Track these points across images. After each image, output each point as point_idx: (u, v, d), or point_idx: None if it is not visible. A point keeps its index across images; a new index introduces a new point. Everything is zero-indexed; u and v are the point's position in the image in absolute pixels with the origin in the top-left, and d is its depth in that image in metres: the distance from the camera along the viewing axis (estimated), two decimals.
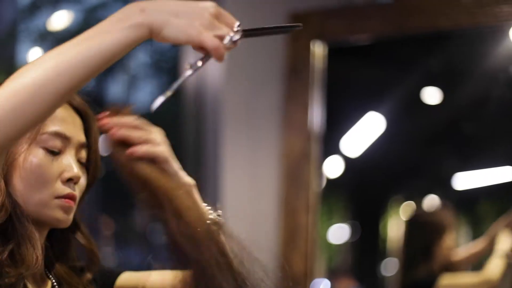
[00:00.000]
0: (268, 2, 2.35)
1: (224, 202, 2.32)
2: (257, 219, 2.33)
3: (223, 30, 1.00)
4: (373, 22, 2.29)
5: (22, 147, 1.14)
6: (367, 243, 4.93)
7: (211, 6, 0.98)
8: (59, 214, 1.16)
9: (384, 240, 4.61)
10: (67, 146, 1.17)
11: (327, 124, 2.42)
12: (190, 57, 2.48)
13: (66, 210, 1.17)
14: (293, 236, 2.27)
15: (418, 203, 3.89)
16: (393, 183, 3.96)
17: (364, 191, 4.35)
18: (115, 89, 6.38)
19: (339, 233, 5.24)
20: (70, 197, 1.17)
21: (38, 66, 0.96)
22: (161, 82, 6.45)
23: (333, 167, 3.35)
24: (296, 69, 2.29)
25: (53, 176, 1.16)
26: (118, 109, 1.12)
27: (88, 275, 1.28)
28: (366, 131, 3.02)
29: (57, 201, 1.16)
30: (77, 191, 1.18)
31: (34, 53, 5.75)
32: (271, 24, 1.06)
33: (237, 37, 1.00)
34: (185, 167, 2.58)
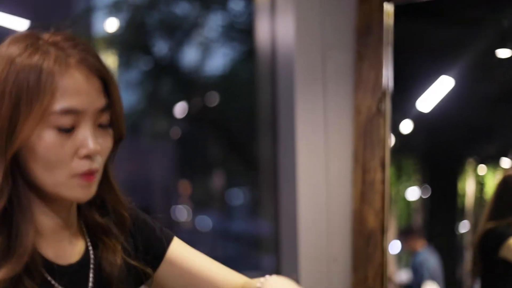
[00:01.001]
0: None
1: (298, 161, 2.37)
2: (333, 177, 2.37)
3: None
4: None
5: (32, 129, 1.09)
6: (441, 202, 4.92)
7: None
8: (78, 193, 1.13)
9: (461, 198, 4.58)
10: (81, 119, 1.11)
11: (399, 82, 2.44)
12: (265, 20, 2.53)
13: (85, 187, 1.13)
14: (367, 194, 2.31)
15: (492, 166, 3.87)
16: (467, 142, 3.94)
17: (437, 150, 4.34)
18: (190, 54, 6.45)
19: (412, 192, 5.23)
20: (90, 173, 1.12)
21: None
22: (235, 46, 6.50)
23: (405, 126, 3.36)
24: (367, 28, 2.31)
25: (68, 155, 1.11)
26: None
27: (119, 239, 1.25)
28: (438, 90, 3.01)
29: (76, 180, 1.12)
30: (99, 160, 1.14)
31: (110, 23, 5.85)
32: None
33: None
34: (260, 128, 2.64)
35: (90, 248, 1.21)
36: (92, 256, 1.21)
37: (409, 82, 2.86)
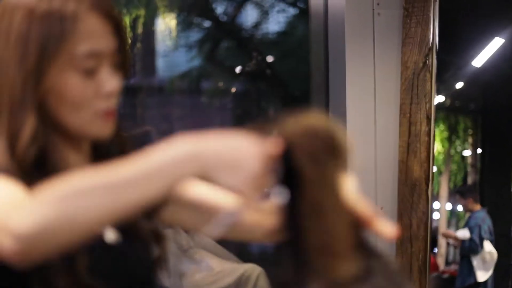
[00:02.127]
0: None
1: (349, 114, 2.49)
2: (379, 129, 2.49)
3: (262, 186, 0.97)
4: None
5: (59, 73, 1.12)
6: (496, 160, 4.95)
7: (259, 158, 0.96)
8: (102, 131, 1.17)
9: None
10: (101, 61, 1.15)
11: (448, 39, 2.52)
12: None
13: (107, 124, 1.17)
14: (413, 145, 2.41)
15: None
16: None
17: (492, 108, 4.37)
18: (248, 14, 6.54)
19: (467, 149, 5.27)
20: (110, 112, 1.17)
21: (89, 201, 0.95)
22: (291, 5, 6.56)
23: (456, 83, 3.42)
24: None
25: (92, 95, 1.15)
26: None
27: None
28: (488, 48, 3.07)
29: (99, 119, 1.16)
30: (116, 101, 1.18)
31: None
32: None
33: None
34: (313, 84, 2.74)
35: None
36: None
37: (462, 40, 2.92)
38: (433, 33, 2.39)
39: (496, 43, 3.24)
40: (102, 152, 1.25)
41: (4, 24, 1.14)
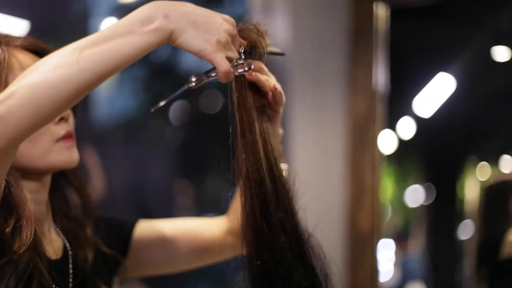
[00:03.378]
0: None
1: (292, 161, 2.37)
2: (325, 180, 2.37)
3: (233, 52, 1.00)
4: None
5: None
6: (444, 205, 4.91)
7: (229, 24, 0.98)
8: (66, 156, 1.16)
9: (461, 202, 4.57)
10: None
11: (394, 85, 2.44)
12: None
13: (69, 149, 1.17)
14: (360, 195, 2.30)
15: (493, 165, 3.86)
16: (467, 144, 3.93)
17: (438, 152, 4.34)
18: (188, 55, 6.45)
19: (414, 195, 5.22)
20: (69, 135, 1.17)
21: (61, 60, 0.94)
22: None
23: (405, 128, 3.35)
24: (360, 31, 2.31)
25: None
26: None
27: (88, 230, 1.27)
28: (436, 91, 3.01)
29: (60, 144, 1.16)
30: (72, 124, 1.19)
31: (107, 24, 5.84)
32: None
33: (242, 64, 1.01)
34: None
35: (68, 246, 1.23)
36: (70, 253, 1.22)
37: (408, 83, 2.85)
38: (379, 78, 2.30)
39: (443, 84, 3.17)
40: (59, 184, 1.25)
41: None
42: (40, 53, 1.17)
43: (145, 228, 1.35)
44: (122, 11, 5.70)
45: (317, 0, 2.38)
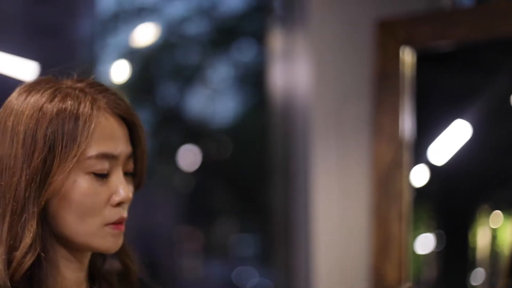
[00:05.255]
0: (355, 10, 2.33)
1: (315, 212, 2.30)
2: (349, 229, 2.31)
3: None
4: (461, 27, 2.25)
5: (67, 175, 1.06)
6: (455, 253, 4.84)
7: None
8: (110, 243, 1.11)
9: (473, 250, 4.51)
10: (114, 165, 1.11)
11: (416, 132, 2.38)
12: (279, 68, 2.48)
13: (116, 236, 1.11)
14: (386, 246, 2.24)
15: (506, 213, 3.80)
16: (481, 192, 3.87)
17: (451, 200, 4.28)
18: (196, 102, 6.43)
19: (425, 243, 5.16)
20: (120, 222, 1.12)
21: None
22: (242, 96, 6.48)
23: (420, 176, 3.29)
24: (385, 76, 2.26)
25: (103, 202, 1.09)
26: None
27: None
28: (453, 138, 2.96)
29: (108, 229, 1.10)
30: (126, 209, 1.14)
31: (117, 70, 5.84)
32: None
33: None
34: (273, 178, 2.57)
35: None
36: None
37: (429, 130, 2.81)
38: (406, 127, 2.24)
39: (460, 132, 3.13)
40: (101, 267, 1.19)
41: (11, 123, 1.08)
42: (127, 122, 1.13)
43: None
44: (133, 56, 5.68)
45: (341, 46, 2.33)
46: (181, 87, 6.21)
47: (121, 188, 1.10)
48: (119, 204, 1.11)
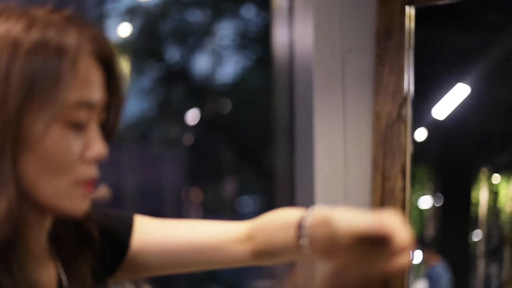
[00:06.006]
0: None
1: (316, 168, 2.32)
2: (352, 185, 2.32)
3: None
4: None
5: (38, 123, 0.89)
6: (454, 211, 4.87)
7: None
8: (79, 205, 0.98)
9: (474, 206, 4.53)
10: (91, 116, 0.95)
11: (418, 88, 2.39)
12: (282, 26, 2.48)
13: (86, 198, 0.98)
14: (386, 200, 2.26)
15: (505, 175, 3.81)
16: (482, 152, 3.89)
17: (451, 159, 4.30)
18: (202, 61, 6.42)
19: (425, 200, 5.18)
20: (92, 182, 0.98)
21: None
22: (247, 54, 6.46)
23: (421, 133, 3.30)
24: (388, 32, 2.26)
25: (76, 157, 0.94)
26: None
27: (88, 260, 1.07)
28: (455, 97, 2.97)
29: (78, 189, 0.96)
30: (97, 170, 0.99)
31: (123, 29, 5.82)
32: None
33: None
34: (275, 135, 2.59)
35: (63, 275, 1.05)
36: (65, 284, 1.04)
37: (429, 88, 2.81)
38: (408, 81, 2.25)
39: (459, 91, 3.14)
40: (60, 228, 1.05)
41: None
42: (106, 65, 0.97)
43: (146, 232, 1.16)
44: (140, 12, 5.68)
45: (343, 2, 2.33)
46: (187, 46, 6.21)
47: (97, 142, 0.96)
48: (93, 162, 0.96)
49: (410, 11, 2.25)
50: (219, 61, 6.18)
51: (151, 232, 1.17)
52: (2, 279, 0.85)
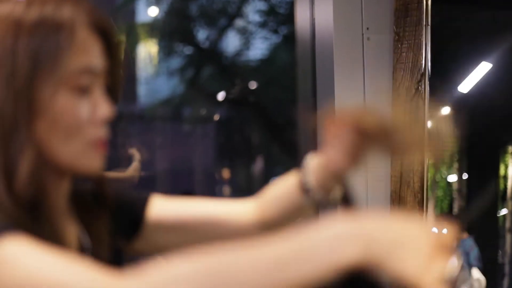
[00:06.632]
0: None
1: None
2: (371, 160, 2.39)
3: (440, 265, 0.82)
4: None
5: (46, 91, 0.97)
6: (481, 185, 4.90)
7: (433, 236, 0.84)
8: (94, 163, 1.05)
9: (499, 186, 4.55)
10: (96, 81, 1.04)
11: (437, 64, 2.44)
12: (304, 4, 2.54)
13: (99, 157, 1.06)
14: (405, 175, 2.32)
15: None
16: (505, 127, 3.91)
17: (476, 135, 4.32)
18: (231, 40, 6.47)
19: (452, 176, 5.21)
20: (103, 142, 1.05)
21: (233, 282, 0.79)
22: (275, 31, 6.50)
23: (443, 108, 3.35)
24: (406, 10, 2.32)
25: (85, 119, 1.02)
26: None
27: (105, 222, 1.15)
28: (476, 74, 3.01)
29: (90, 149, 1.03)
30: (107, 130, 1.06)
31: (153, 10, 5.87)
32: None
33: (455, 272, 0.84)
34: (299, 111, 2.65)
35: (83, 235, 1.13)
36: (86, 241, 1.12)
37: (448, 65, 2.86)
38: (425, 58, 2.31)
39: (483, 69, 3.19)
40: (79, 190, 1.14)
41: None
42: (103, 34, 1.06)
43: (161, 209, 1.24)
44: None
45: None
46: (216, 26, 6.27)
47: (103, 104, 1.04)
48: (101, 123, 1.04)
49: None
50: (248, 40, 6.23)
51: (165, 207, 1.24)
52: (32, 233, 0.92)
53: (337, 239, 0.80)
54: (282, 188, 1.23)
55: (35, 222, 0.96)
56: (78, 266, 0.83)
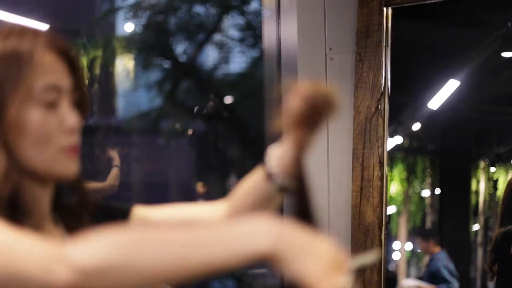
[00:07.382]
0: None
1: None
2: (332, 174, 2.47)
3: (337, 278, 0.93)
4: None
5: (17, 109, 1.12)
6: (453, 201, 4.97)
7: (336, 252, 0.95)
8: (67, 168, 1.16)
9: (471, 200, 4.62)
10: (60, 96, 1.15)
11: (399, 83, 2.53)
12: (271, 22, 2.62)
13: (72, 162, 1.16)
14: (366, 190, 2.40)
15: (502, 165, 3.92)
16: (476, 143, 3.99)
17: (447, 150, 4.40)
18: (208, 55, 6.53)
19: (422, 192, 5.27)
20: (74, 148, 1.16)
21: (156, 252, 0.93)
22: (251, 47, 6.57)
23: (410, 125, 3.42)
24: (367, 31, 2.41)
25: (55, 129, 1.14)
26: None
27: (87, 224, 1.22)
28: (440, 92, 3.09)
29: (63, 155, 1.15)
30: (77, 137, 1.17)
31: (130, 24, 5.89)
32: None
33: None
34: (268, 127, 2.72)
35: (68, 239, 1.20)
36: None
37: (412, 83, 2.94)
38: (385, 77, 2.40)
39: (451, 85, 3.27)
40: (62, 197, 1.25)
41: None
42: (65, 57, 1.18)
43: (144, 216, 1.34)
44: (145, 9, 5.81)
45: (325, 2, 2.47)
46: (192, 41, 6.33)
47: (70, 115, 1.15)
48: (70, 132, 1.16)
49: (387, 12, 2.40)
50: (226, 55, 6.30)
51: (147, 214, 1.35)
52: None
53: (253, 231, 0.92)
54: (249, 183, 1.33)
55: (15, 222, 1.04)
56: (31, 238, 0.96)
